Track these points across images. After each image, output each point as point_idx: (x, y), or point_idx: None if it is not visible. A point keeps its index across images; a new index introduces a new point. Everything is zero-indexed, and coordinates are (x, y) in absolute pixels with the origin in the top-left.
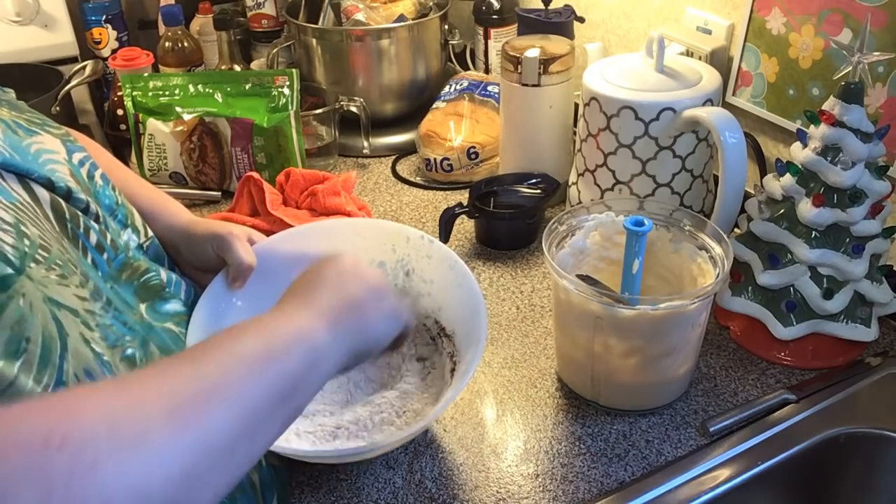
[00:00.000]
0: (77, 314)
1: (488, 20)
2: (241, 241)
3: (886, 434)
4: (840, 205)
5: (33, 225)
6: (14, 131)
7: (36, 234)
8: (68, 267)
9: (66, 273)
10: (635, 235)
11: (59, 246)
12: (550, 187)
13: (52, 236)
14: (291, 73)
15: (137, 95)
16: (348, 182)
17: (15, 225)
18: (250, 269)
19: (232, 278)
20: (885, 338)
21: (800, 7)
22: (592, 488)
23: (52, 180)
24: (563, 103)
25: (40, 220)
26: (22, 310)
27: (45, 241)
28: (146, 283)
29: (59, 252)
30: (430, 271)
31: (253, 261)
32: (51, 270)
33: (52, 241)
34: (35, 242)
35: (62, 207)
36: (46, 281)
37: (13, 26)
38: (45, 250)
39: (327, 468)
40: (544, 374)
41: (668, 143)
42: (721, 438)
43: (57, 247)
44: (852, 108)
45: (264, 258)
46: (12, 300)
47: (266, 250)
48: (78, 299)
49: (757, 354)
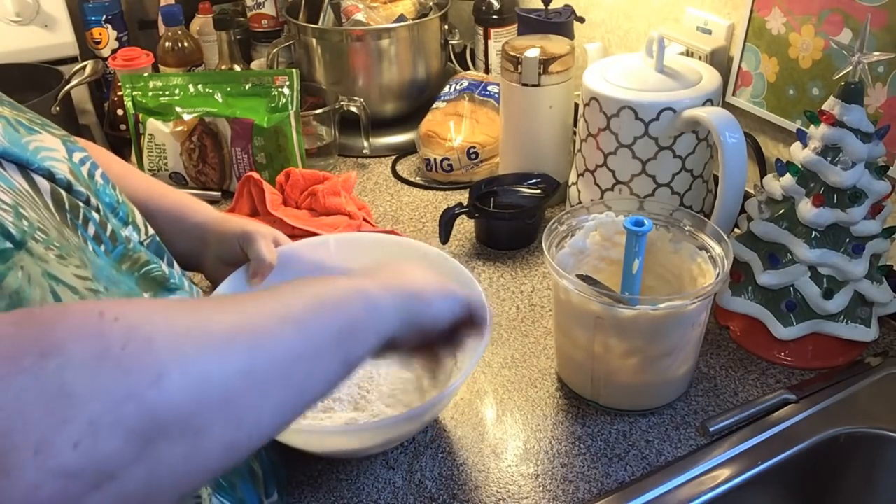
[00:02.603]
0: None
1: (488, 20)
2: (266, 240)
3: (886, 434)
4: (840, 205)
5: (32, 210)
6: (15, 128)
7: (35, 217)
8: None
9: (65, 255)
10: (635, 235)
11: (59, 233)
12: (550, 187)
13: (52, 224)
14: (291, 73)
15: (137, 95)
16: (348, 182)
17: (14, 206)
18: (270, 267)
19: (252, 273)
20: (885, 338)
21: (800, 7)
22: (592, 488)
23: (52, 172)
24: (563, 103)
25: (40, 209)
26: (20, 281)
27: (43, 225)
28: (147, 275)
29: (57, 236)
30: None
31: (274, 260)
32: (49, 250)
33: (50, 227)
34: (34, 224)
35: (62, 198)
36: (46, 257)
37: (13, 26)
38: (43, 233)
39: (327, 467)
40: (544, 374)
41: (668, 143)
42: (721, 438)
43: (56, 233)
44: (852, 108)
45: (286, 261)
46: (11, 271)
47: (289, 255)
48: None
49: (757, 354)
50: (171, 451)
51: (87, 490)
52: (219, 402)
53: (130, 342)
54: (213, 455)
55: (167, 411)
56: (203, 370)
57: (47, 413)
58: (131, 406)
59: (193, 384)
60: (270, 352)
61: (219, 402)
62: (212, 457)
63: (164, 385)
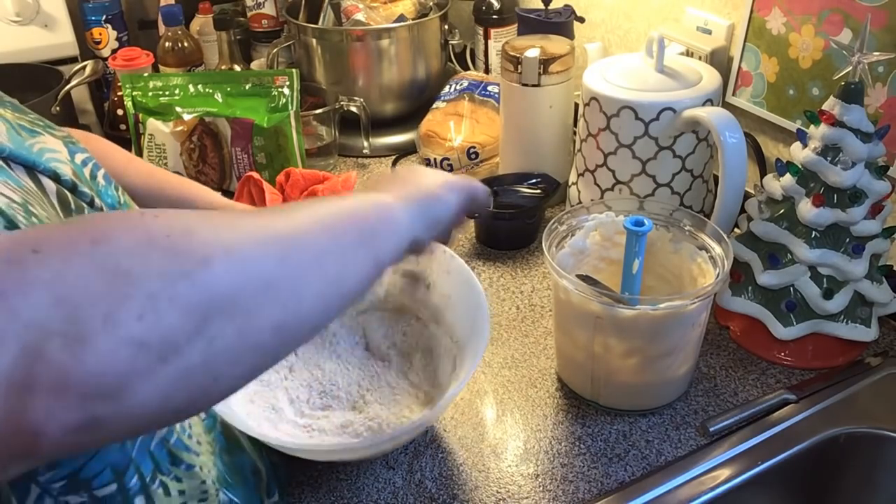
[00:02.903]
0: None
1: (488, 20)
2: None
3: (886, 434)
4: (840, 205)
5: (41, 208)
6: (17, 132)
7: (44, 215)
8: None
9: None
10: (635, 235)
11: None
12: (550, 187)
13: (59, 222)
14: (291, 73)
15: (137, 95)
16: (348, 182)
17: (23, 204)
18: None
19: None
20: (885, 338)
21: (800, 7)
22: (592, 488)
23: (57, 173)
24: (563, 103)
25: (47, 208)
26: None
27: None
28: None
29: None
30: (448, 286)
31: None
32: None
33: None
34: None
35: (68, 198)
36: None
37: (13, 26)
38: None
39: (327, 468)
40: (544, 374)
41: (668, 143)
42: (721, 438)
43: None
44: (852, 108)
45: None
46: None
47: None
48: None
49: (757, 354)
50: (225, 327)
51: (156, 362)
52: (261, 285)
53: (174, 232)
54: (263, 334)
55: (217, 290)
56: (243, 256)
57: (109, 288)
58: (185, 284)
59: (236, 267)
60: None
61: (261, 285)
62: (263, 336)
63: (211, 267)
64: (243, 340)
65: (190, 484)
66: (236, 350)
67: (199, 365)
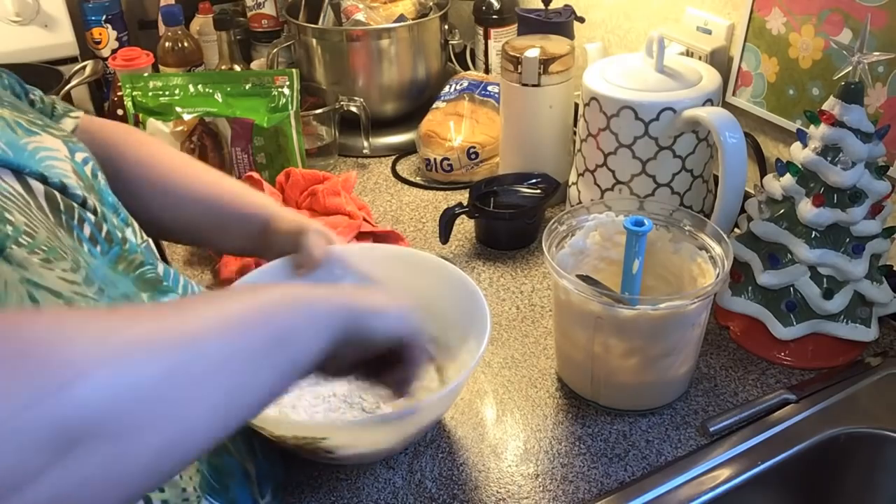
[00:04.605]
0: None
1: (488, 20)
2: (318, 236)
3: (886, 434)
4: (840, 205)
5: (21, 213)
6: (13, 130)
7: (22, 220)
8: (56, 252)
9: (53, 258)
10: (635, 235)
11: (51, 234)
12: (550, 187)
13: (44, 225)
14: (291, 73)
15: (137, 95)
16: (348, 182)
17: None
18: (316, 263)
19: (297, 265)
20: (885, 338)
21: (800, 7)
22: (592, 488)
23: (45, 175)
24: (563, 103)
25: (31, 210)
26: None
27: (31, 227)
28: (143, 276)
29: (46, 239)
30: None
31: (321, 257)
32: (33, 254)
33: (41, 228)
34: (19, 228)
35: (56, 199)
36: (27, 263)
37: (13, 26)
38: (29, 236)
39: (327, 468)
40: (544, 374)
41: (668, 143)
42: (721, 438)
43: (46, 234)
44: (852, 108)
45: (333, 261)
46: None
47: (338, 257)
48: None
49: (757, 354)
50: (89, 459)
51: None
52: (141, 404)
53: (35, 348)
54: (143, 460)
55: (80, 417)
56: (119, 372)
57: None
58: (32, 414)
59: (108, 387)
60: (197, 351)
61: (141, 404)
62: (142, 462)
63: (74, 390)
64: (114, 470)
65: (172, 492)
66: (104, 481)
67: (49, 500)
